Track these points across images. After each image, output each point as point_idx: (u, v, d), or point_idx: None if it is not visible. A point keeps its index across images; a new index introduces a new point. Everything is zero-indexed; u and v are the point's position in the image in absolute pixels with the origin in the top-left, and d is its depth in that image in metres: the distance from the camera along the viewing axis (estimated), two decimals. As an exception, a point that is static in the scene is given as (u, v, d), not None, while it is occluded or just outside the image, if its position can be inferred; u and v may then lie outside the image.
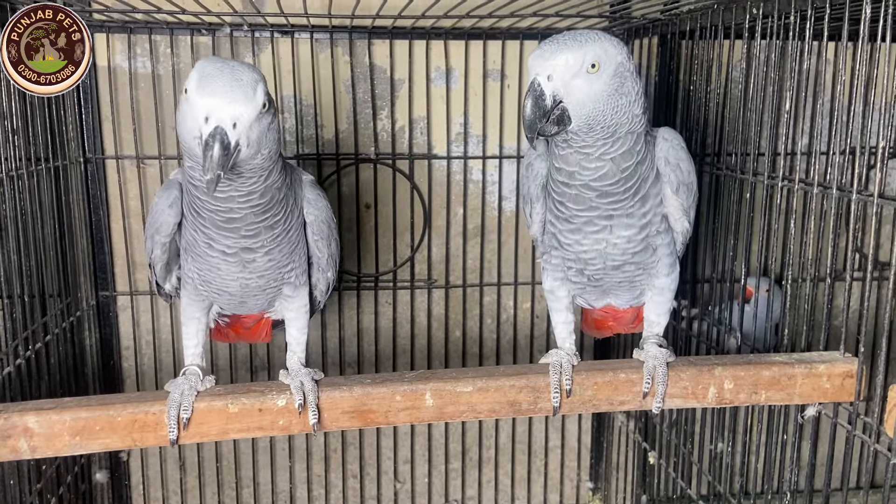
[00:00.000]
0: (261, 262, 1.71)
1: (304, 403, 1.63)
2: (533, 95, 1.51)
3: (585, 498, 3.18)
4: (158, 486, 2.93)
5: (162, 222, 1.70)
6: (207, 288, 1.79)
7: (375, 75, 2.74)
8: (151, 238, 1.75)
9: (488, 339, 3.00)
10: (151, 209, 1.75)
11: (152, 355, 2.82)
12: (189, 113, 1.43)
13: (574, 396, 1.67)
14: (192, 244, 1.70)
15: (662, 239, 1.71)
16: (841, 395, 1.68)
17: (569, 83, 1.50)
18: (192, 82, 1.43)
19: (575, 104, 1.52)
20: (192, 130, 1.44)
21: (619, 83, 1.53)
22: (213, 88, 1.40)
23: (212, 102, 1.39)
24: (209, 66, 1.45)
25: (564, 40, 1.52)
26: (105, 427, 1.52)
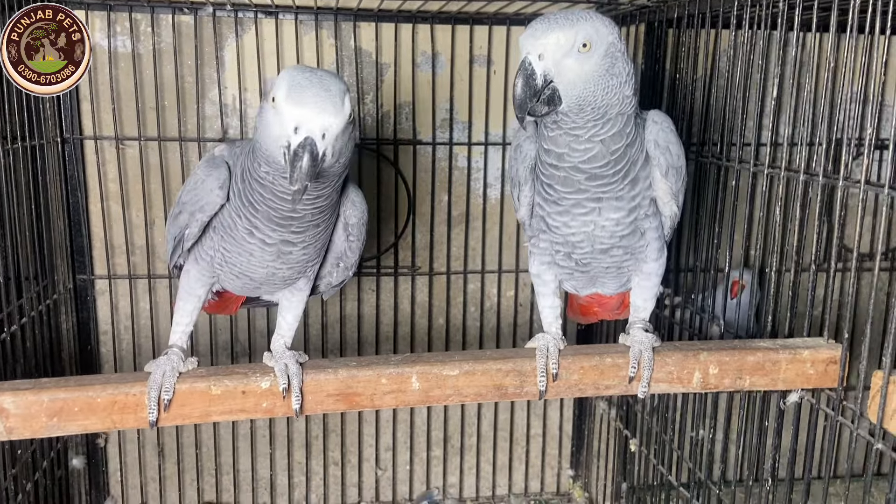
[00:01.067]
0: (296, 255, 1.72)
1: (289, 387, 1.61)
2: (524, 74, 1.49)
3: (566, 485, 3.19)
4: (136, 473, 2.89)
5: (208, 202, 1.67)
6: (227, 269, 1.77)
7: (361, 59, 2.71)
8: (191, 215, 1.70)
9: (471, 326, 2.99)
10: (194, 185, 1.70)
11: (131, 340, 2.78)
12: (277, 121, 1.44)
13: (560, 381, 1.67)
14: (230, 227, 1.69)
15: (651, 223, 1.71)
16: (824, 380, 1.69)
17: (560, 62, 1.48)
18: (280, 91, 1.43)
19: (566, 84, 1.50)
20: (278, 139, 1.44)
21: (611, 63, 1.51)
22: (304, 98, 1.40)
23: (302, 113, 1.40)
24: (298, 75, 1.45)
25: (556, 19, 1.50)
26: (84, 408, 1.49)
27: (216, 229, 1.72)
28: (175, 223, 1.76)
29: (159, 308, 2.78)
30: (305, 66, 1.51)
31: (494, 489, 3.13)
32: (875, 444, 1.54)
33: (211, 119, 2.68)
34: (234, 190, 1.65)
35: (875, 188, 1.57)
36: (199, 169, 1.70)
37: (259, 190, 1.58)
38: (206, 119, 2.67)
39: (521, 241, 2.92)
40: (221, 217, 1.70)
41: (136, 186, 2.67)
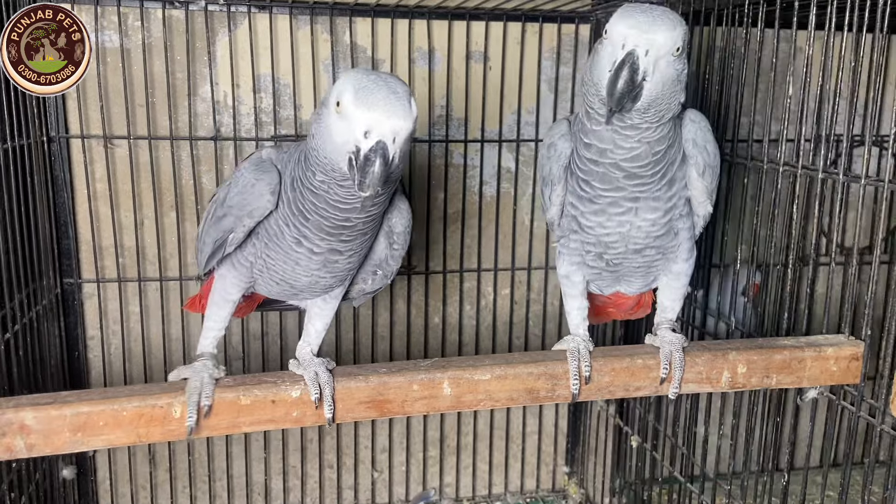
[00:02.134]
0: (341, 264, 1.68)
1: (321, 395, 1.57)
2: (630, 69, 1.43)
3: (561, 482, 3.20)
4: (126, 482, 2.80)
5: (257, 207, 1.61)
6: (267, 276, 1.72)
7: (356, 55, 2.66)
8: (238, 219, 1.63)
9: (467, 325, 2.97)
10: (243, 188, 1.62)
11: (120, 345, 2.69)
12: (343, 127, 1.39)
13: (591, 383, 1.66)
14: (277, 235, 1.63)
15: (684, 223, 1.70)
16: (846, 377, 1.72)
17: (657, 62, 1.46)
18: (347, 95, 1.38)
19: (652, 84, 1.48)
20: (344, 145, 1.40)
21: (682, 69, 1.50)
22: (374, 102, 1.36)
23: (373, 116, 1.36)
24: (364, 78, 1.40)
25: (659, 15, 1.46)
26: (109, 422, 1.42)
27: (260, 236, 1.67)
28: (217, 226, 1.69)
29: (150, 312, 2.69)
30: (367, 69, 1.47)
31: (491, 488, 3.13)
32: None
33: (202, 116, 2.59)
34: (284, 198, 1.60)
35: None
36: (247, 171, 1.63)
37: (311, 199, 1.53)
38: (198, 116, 2.59)
39: (517, 240, 2.91)
40: (267, 224, 1.64)
41: (125, 186, 2.57)
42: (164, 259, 2.66)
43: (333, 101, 1.41)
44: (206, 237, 1.73)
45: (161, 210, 2.61)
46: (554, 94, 2.83)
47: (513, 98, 2.81)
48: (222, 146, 2.61)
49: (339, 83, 1.43)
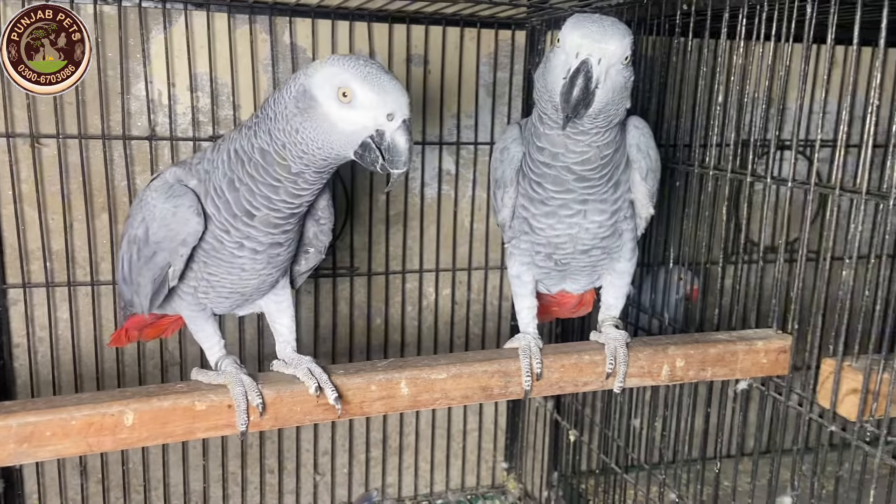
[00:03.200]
0: (283, 255, 1.69)
1: (320, 387, 1.59)
2: (585, 77, 1.49)
3: (501, 478, 3.26)
4: (55, 494, 2.69)
5: (189, 232, 1.57)
6: (213, 294, 1.72)
7: (296, 55, 2.64)
8: (172, 252, 1.60)
9: (409, 325, 2.99)
10: (163, 219, 1.58)
11: (48, 353, 2.58)
12: (359, 115, 1.45)
13: (542, 379, 1.71)
14: (215, 248, 1.61)
15: (628, 224, 1.78)
16: (775, 369, 1.84)
17: (608, 70, 1.51)
18: (355, 84, 1.44)
19: (603, 91, 1.53)
20: (363, 131, 1.46)
21: (629, 76, 1.57)
22: (385, 86, 1.44)
23: (392, 99, 1.44)
24: (361, 67, 1.46)
25: (609, 25, 1.52)
26: (57, 432, 1.37)
27: (195, 258, 1.64)
28: (150, 265, 1.64)
29: (80, 317, 2.59)
30: (346, 56, 1.48)
31: (432, 486, 3.16)
32: (829, 427, 1.68)
33: (136, 115, 2.52)
34: (216, 206, 1.58)
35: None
36: (160, 201, 1.59)
37: (267, 193, 1.53)
38: (132, 115, 2.51)
39: (458, 241, 2.95)
40: (206, 243, 1.62)
41: (54, 188, 2.47)
42: (96, 263, 2.57)
43: (331, 92, 1.43)
44: (140, 279, 1.68)
45: (92, 212, 2.52)
46: (492, 98, 2.88)
47: (452, 102, 2.85)
48: (158, 146, 2.55)
49: (326, 74, 1.44)
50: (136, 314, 1.95)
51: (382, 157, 1.45)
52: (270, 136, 1.51)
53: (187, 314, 1.78)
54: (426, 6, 2.59)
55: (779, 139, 2.50)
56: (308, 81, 1.46)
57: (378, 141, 1.44)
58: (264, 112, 1.56)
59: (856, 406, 1.60)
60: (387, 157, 1.45)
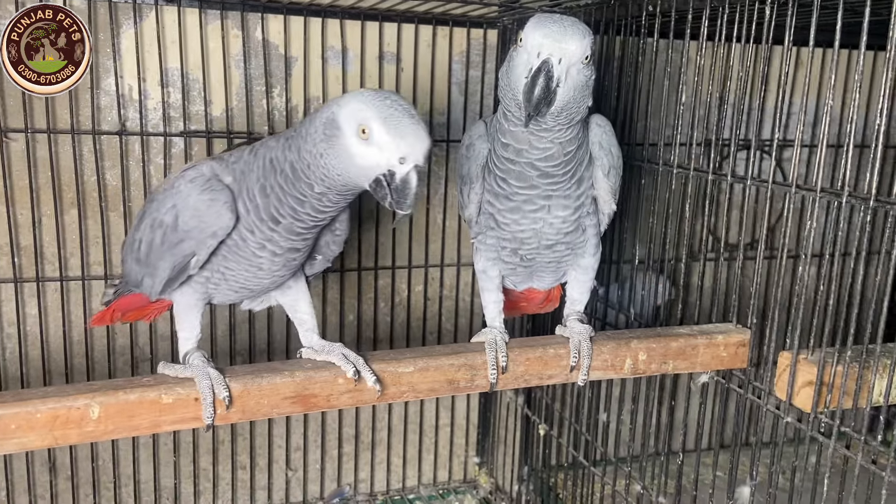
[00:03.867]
0: (298, 259, 1.77)
1: (358, 371, 1.65)
2: (546, 76, 1.52)
3: (472, 472, 3.29)
4: (24, 491, 2.67)
5: (220, 226, 1.64)
6: (224, 286, 1.78)
7: (268, 51, 2.65)
8: (199, 242, 1.65)
9: (382, 321, 3.01)
10: (196, 209, 1.64)
11: (16, 349, 2.56)
12: (374, 153, 1.52)
13: (508, 373, 1.74)
14: (237, 245, 1.67)
15: (591, 220, 1.82)
16: (735, 362, 1.88)
17: (569, 69, 1.54)
18: (375, 124, 1.50)
19: (564, 90, 1.57)
20: (376, 168, 1.52)
21: (590, 75, 1.60)
22: (404, 130, 1.50)
23: (407, 144, 1.50)
24: (385, 106, 1.52)
25: (569, 25, 1.55)
26: (22, 425, 1.37)
27: (216, 251, 1.69)
28: (173, 251, 1.69)
29: (49, 313, 2.57)
30: (377, 92, 1.54)
31: (405, 481, 3.18)
32: (785, 419, 1.73)
33: (106, 110, 2.51)
34: (245, 207, 1.65)
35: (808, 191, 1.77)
36: (196, 192, 1.65)
37: (294, 206, 1.61)
38: (101, 110, 2.50)
39: (430, 237, 2.97)
40: (231, 238, 1.68)
41: (22, 182, 2.46)
42: (65, 258, 2.55)
43: (354, 126, 1.50)
44: (160, 262, 1.72)
45: (61, 207, 2.51)
46: (464, 96, 2.91)
47: (425, 99, 2.87)
48: (128, 141, 2.54)
49: (353, 109, 1.51)
50: (130, 294, 2.00)
51: (391, 195, 1.51)
52: (300, 154, 1.58)
53: (185, 301, 1.81)
54: (398, 4, 2.60)
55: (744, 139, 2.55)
56: (337, 111, 1.54)
57: (389, 180, 1.50)
58: (300, 128, 1.63)
59: (811, 398, 1.65)
60: (394, 197, 1.51)
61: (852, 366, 1.62)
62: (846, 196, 1.56)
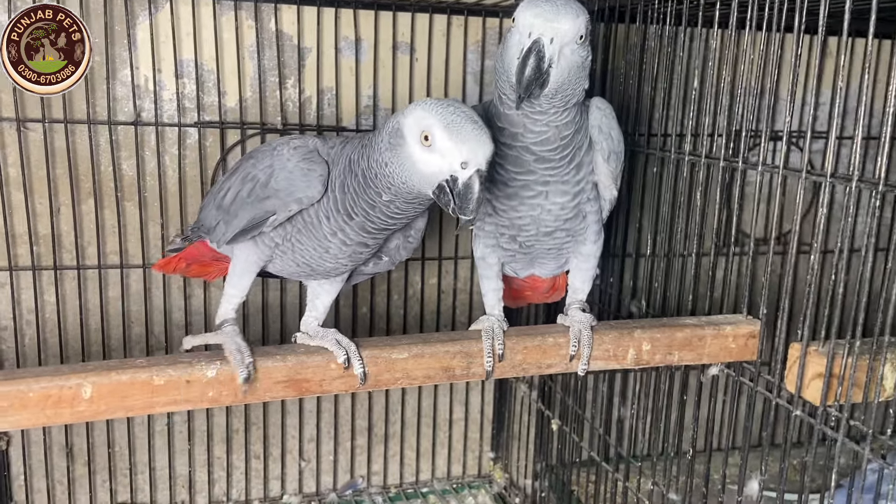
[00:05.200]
0: (365, 254, 1.81)
1: (348, 358, 1.66)
2: (537, 56, 1.50)
3: (487, 468, 3.26)
4: (42, 476, 2.72)
5: (307, 196, 1.69)
6: (290, 257, 1.81)
7: (282, 42, 2.65)
8: (284, 203, 1.71)
9: (395, 314, 3.00)
10: (291, 172, 1.70)
11: (34, 335, 2.61)
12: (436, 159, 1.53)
13: (505, 361, 1.71)
14: (313, 224, 1.72)
15: (591, 206, 1.78)
16: (744, 354, 1.82)
17: (562, 49, 1.51)
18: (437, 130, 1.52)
19: (558, 71, 1.54)
20: (438, 174, 1.54)
21: (586, 56, 1.57)
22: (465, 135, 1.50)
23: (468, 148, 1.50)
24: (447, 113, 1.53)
25: (562, 4, 1.52)
26: (14, 403, 1.39)
27: (294, 221, 1.74)
28: (258, 206, 1.74)
29: (66, 301, 2.62)
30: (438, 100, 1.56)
31: (418, 475, 3.16)
32: (794, 412, 1.67)
33: (122, 101, 2.54)
34: (330, 194, 1.68)
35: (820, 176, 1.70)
36: (296, 158, 1.70)
37: (365, 208, 1.65)
38: (117, 101, 2.53)
39: (444, 229, 2.95)
40: (306, 212, 1.71)
41: (40, 172, 2.50)
42: (82, 247, 2.59)
43: (417, 134, 1.52)
44: (241, 212, 1.77)
45: (78, 197, 2.55)
46: (479, 86, 2.88)
47: (439, 90, 2.84)
48: (143, 132, 2.57)
49: (416, 117, 1.53)
50: (201, 241, 2.07)
51: (454, 200, 1.52)
52: (368, 163, 1.62)
53: (245, 257, 1.85)
54: (410, -7, 2.59)
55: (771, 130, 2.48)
56: (402, 120, 1.56)
57: (452, 185, 1.52)
58: (372, 136, 1.68)
59: (820, 391, 1.59)
60: (457, 202, 1.52)
61: (863, 357, 1.55)
62: (855, 181, 1.50)
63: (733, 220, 1.90)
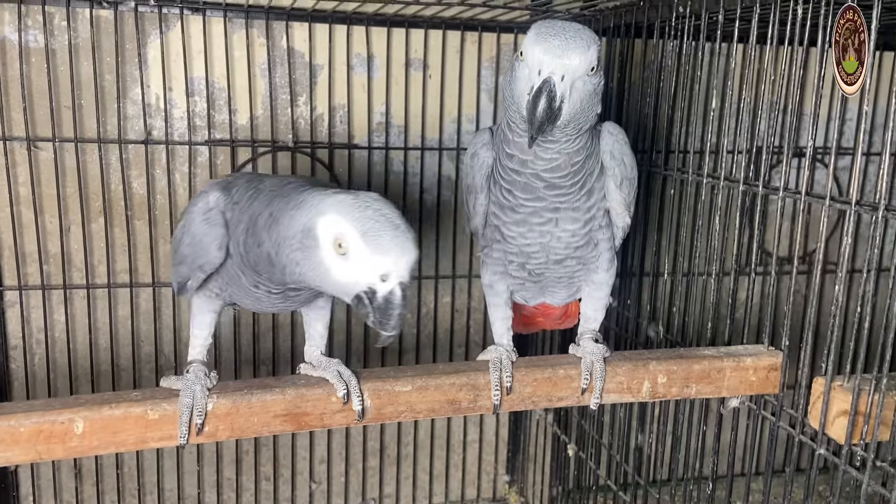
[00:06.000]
0: (304, 295, 1.68)
1: (348, 392, 1.58)
2: (548, 97, 1.44)
3: (502, 491, 3.19)
4: (51, 497, 2.71)
5: (207, 261, 1.59)
6: (240, 302, 1.74)
7: (293, 59, 2.63)
8: (191, 269, 1.62)
9: (408, 333, 2.95)
10: (192, 238, 1.59)
11: (44, 355, 2.60)
12: (353, 269, 1.38)
13: (513, 394, 1.65)
14: (234, 277, 1.61)
15: (604, 233, 1.71)
16: (765, 387, 1.74)
17: (573, 83, 1.46)
18: (350, 238, 1.37)
19: (570, 105, 1.48)
20: (355, 286, 1.39)
21: (598, 82, 1.51)
22: (385, 246, 1.36)
23: (388, 261, 1.36)
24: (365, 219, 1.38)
25: (571, 37, 1.46)
26: (6, 439, 1.35)
27: (221, 276, 1.65)
28: (177, 271, 1.69)
29: (76, 320, 2.60)
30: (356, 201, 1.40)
31: (431, 497, 3.10)
32: (818, 450, 1.58)
33: (132, 119, 2.53)
34: (234, 255, 1.57)
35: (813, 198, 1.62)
36: (195, 222, 1.59)
37: (265, 281, 1.56)
38: (128, 119, 2.52)
39: (458, 247, 2.90)
40: (224, 269, 1.62)
41: (50, 190, 2.49)
42: (92, 266, 2.58)
43: (330, 240, 1.37)
44: (173, 274, 1.73)
45: (88, 216, 2.54)
46: (493, 102, 2.83)
47: (453, 106, 2.80)
48: (154, 150, 2.55)
49: (329, 221, 1.37)
50: None
51: (373, 314, 1.38)
52: (278, 250, 1.45)
53: (200, 306, 1.77)
54: (423, 10, 2.54)
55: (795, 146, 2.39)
56: (316, 220, 1.39)
57: (370, 298, 1.37)
58: (283, 208, 1.47)
59: (845, 429, 1.50)
60: (376, 317, 1.38)
61: (890, 394, 1.47)
62: (882, 210, 1.42)
63: (754, 242, 1.81)
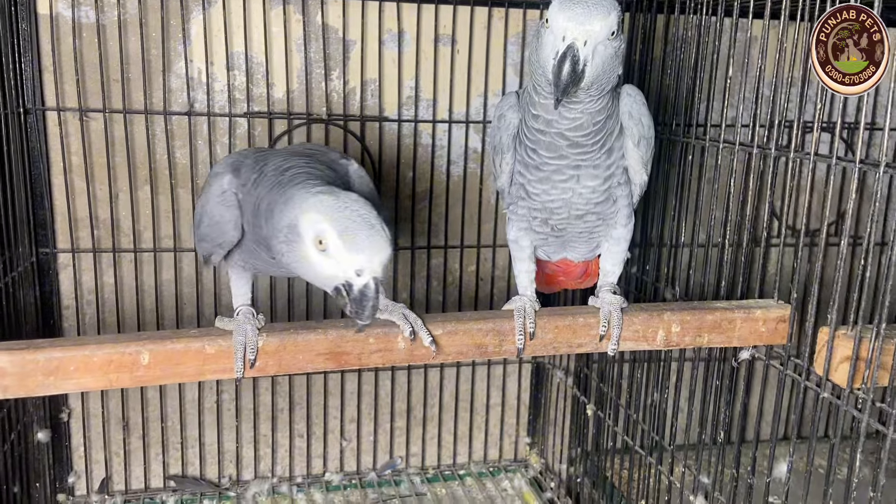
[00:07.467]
0: None
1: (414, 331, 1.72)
2: (571, 61, 1.55)
3: (523, 452, 3.32)
4: (100, 447, 2.88)
5: (226, 240, 1.73)
6: (263, 272, 1.90)
7: (328, 35, 2.75)
8: (213, 246, 1.77)
9: (434, 300, 3.07)
10: (210, 219, 1.73)
11: (94, 314, 2.76)
12: (331, 265, 1.50)
13: (536, 339, 1.77)
14: (253, 252, 1.74)
15: (622, 190, 1.83)
16: (774, 338, 1.85)
17: (595, 48, 1.58)
18: (330, 236, 1.48)
19: (592, 67, 1.60)
20: (333, 279, 1.52)
21: (619, 45, 1.62)
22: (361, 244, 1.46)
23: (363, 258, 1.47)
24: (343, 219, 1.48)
25: (593, 4, 1.56)
26: (80, 367, 1.51)
27: (242, 251, 1.78)
28: (200, 247, 1.84)
29: (123, 282, 2.77)
30: (336, 202, 1.51)
31: (455, 458, 3.24)
32: (822, 394, 1.69)
33: (176, 92, 2.67)
34: (248, 228, 1.70)
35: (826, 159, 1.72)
36: (211, 204, 1.72)
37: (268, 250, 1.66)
38: (172, 92, 2.67)
39: (483, 218, 3.02)
40: (244, 244, 1.75)
41: (101, 159, 2.65)
42: (139, 231, 2.74)
43: (311, 237, 1.49)
44: (197, 248, 1.88)
45: (135, 184, 2.69)
46: (519, 77, 2.93)
47: (480, 81, 2.91)
48: (196, 121, 2.70)
49: (311, 220, 1.49)
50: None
51: (350, 305, 1.51)
52: (272, 238, 1.58)
53: (231, 271, 1.94)
54: (451, -13, 2.65)
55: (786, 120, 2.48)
56: (299, 217, 1.51)
57: (348, 290, 1.50)
58: (278, 196, 1.58)
59: (847, 373, 1.61)
60: (353, 308, 1.51)
61: (889, 341, 1.57)
62: (883, 166, 1.52)
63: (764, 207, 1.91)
